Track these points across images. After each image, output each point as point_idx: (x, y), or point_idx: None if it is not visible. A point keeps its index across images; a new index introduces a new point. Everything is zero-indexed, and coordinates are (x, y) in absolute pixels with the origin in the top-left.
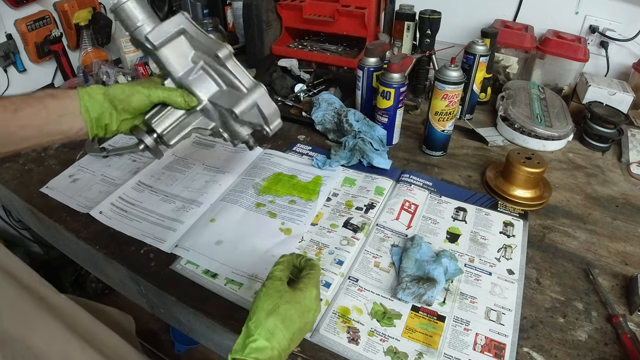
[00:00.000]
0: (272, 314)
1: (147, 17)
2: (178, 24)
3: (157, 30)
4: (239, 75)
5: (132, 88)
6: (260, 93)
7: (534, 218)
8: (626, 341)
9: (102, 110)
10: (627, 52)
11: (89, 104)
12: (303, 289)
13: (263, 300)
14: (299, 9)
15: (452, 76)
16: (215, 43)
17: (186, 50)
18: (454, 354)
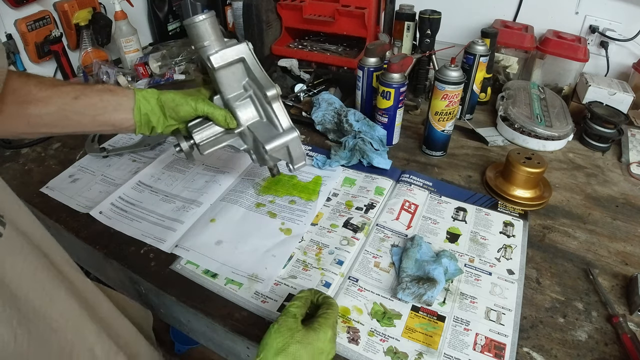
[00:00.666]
0: (281, 354)
1: (215, 39)
2: (239, 52)
3: (220, 55)
4: (280, 116)
5: (182, 98)
6: (293, 137)
7: (534, 218)
8: (626, 341)
9: (152, 114)
10: (627, 52)
11: (142, 105)
12: (317, 330)
13: (274, 337)
14: (299, 9)
15: (452, 76)
16: (267, 81)
17: (240, 77)
18: (454, 354)
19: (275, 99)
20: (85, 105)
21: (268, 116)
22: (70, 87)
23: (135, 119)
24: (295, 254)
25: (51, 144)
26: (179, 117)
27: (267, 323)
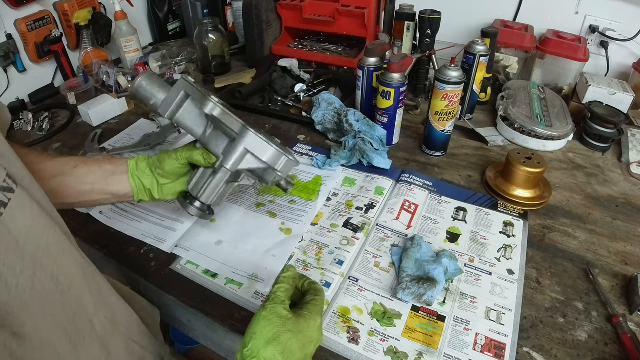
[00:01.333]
0: (272, 343)
1: (156, 92)
2: (179, 90)
3: (165, 103)
4: (228, 122)
5: (164, 154)
6: (247, 139)
7: (534, 218)
8: (626, 341)
9: (144, 177)
10: (627, 52)
11: (134, 170)
12: (307, 318)
13: (263, 325)
14: (299, 9)
15: (452, 76)
16: (203, 98)
17: (199, 111)
18: (454, 354)
19: (214, 108)
20: (84, 174)
21: (227, 134)
22: (71, 158)
23: (131, 185)
24: (295, 253)
25: (51, 144)
26: (166, 172)
27: None
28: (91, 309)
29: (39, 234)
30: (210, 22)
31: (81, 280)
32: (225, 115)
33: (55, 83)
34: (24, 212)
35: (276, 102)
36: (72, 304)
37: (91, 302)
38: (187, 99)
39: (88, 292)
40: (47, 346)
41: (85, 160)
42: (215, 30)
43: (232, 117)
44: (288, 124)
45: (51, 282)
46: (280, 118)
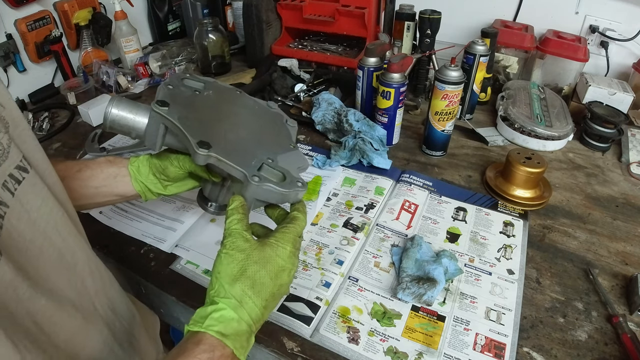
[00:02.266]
0: (239, 279)
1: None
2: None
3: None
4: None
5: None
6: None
7: (534, 218)
8: (626, 341)
9: (148, 181)
10: (627, 52)
11: (136, 176)
12: (274, 246)
13: (225, 263)
14: (299, 9)
15: (452, 76)
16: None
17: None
18: (454, 353)
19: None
20: (87, 177)
21: None
22: (74, 162)
23: (137, 189)
24: None
25: (51, 144)
26: (171, 178)
27: (267, 323)
28: (92, 292)
29: (48, 213)
30: (210, 22)
31: (84, 265)
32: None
33: (55, 83)
34: (34, 192)
35: (276, 102)
36: (76, 282)
37: (92, 287)
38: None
39: (90, 278)
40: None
41: (88, 164)
42: (215, 30)
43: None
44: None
45: (58, 256)
46: None
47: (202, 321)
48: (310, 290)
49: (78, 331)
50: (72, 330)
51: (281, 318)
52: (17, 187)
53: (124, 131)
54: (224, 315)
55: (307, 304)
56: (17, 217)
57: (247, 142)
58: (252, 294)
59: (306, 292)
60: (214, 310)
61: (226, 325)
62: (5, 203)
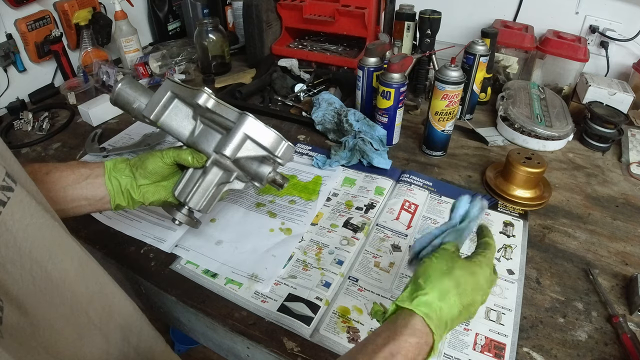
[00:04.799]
0: (447, 275)
1: (139, 95)
2: (166, 90)
3: (150, 104)
4: (223, 112)
5: (148, 154)
6: (247, 121)
7: (534, 218)
8: (626, 341)
9: (122, 176)
10: (627, 52)
11: (111, 171)
12: (477, 263)
13: (436, 262)
14: (299, 9)
15: (452, 76)
16: (193, 93)
17: (186, 111)
18: (454, 354)
19: (208, 99)
20: (56, 180)
21: (221, 125)
22: (44, 165)
23: (107, 188)
24: (295, 253)
25: (51, 144)
26: (148, 172)
27: (267, 323)
28: (85, 300)
29: (36, 231)
30: (210, 22)
31: (75, 273)
32: (220, 105)
33: (55, 83)
34: (22, 210)
35: (276, 102)
36: (67, 297)
37: (85, 294)
38: (174, 99)
39: (83, 285)
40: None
41: (58, 166)
42: (215, 30)
43: (227, 107)
44: (288, 124)
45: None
46: (280, 118)
47: (410, 300)
48: (310, 290)
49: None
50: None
51: (281, 318)
52: (2, 210)
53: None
54: (429, 300)
55: (307, 304)
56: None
57: None
58: (455, 292)
59: (306, 292)
60: (422, 294)
61: (431, 308)
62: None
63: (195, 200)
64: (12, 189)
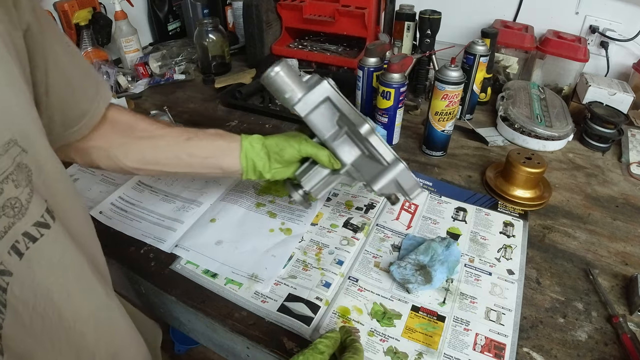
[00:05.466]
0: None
1: (294, 87)
2: (323, 93)
3: (304, 101)
4: (380, 150)
5: (285, 142)
6: (400, 170)
7: (534, 218)
8: (626, 341)
9: (258, 159)
10: (627, 52)
11: (248, 151)
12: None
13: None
14: (299, 9)
15: (452, 76)
16: (357, 117)
17: (331, 115)
18: (453, 354)
19: (370, 133)
20: (197, 147)
21: (369, 150)
22: (183, 128)
23: (242, 165)
24: (295, 254)
25: None
26: (284, 160)
27: (267, 323)
28: (92, 343)
29: (61, 270)
30: (210, 22)
31: (89, 315)
32: (381, 144)
33: None
34: (53, 248)
35: (276, 102)
36: (76, 339)
37: (94, 337)
38: (325, 101)
39: (93, 327)
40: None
41: (197, 134)
42: (215, 30)
43: (386, 147)
44: (288, 124)
45: (58, 318)
46: (280, 118)
47: None
48: (310, 290)
49: None
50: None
51: (281, 318)
52: (31, 246)
53: (281, 89)
54: None
55: (307, 304)
56: (20, 284)
57: None
58: None
59: (306, 292)
60: None
61: None
62: (9, 271)
63: (315, 190)
64: (48, 226)
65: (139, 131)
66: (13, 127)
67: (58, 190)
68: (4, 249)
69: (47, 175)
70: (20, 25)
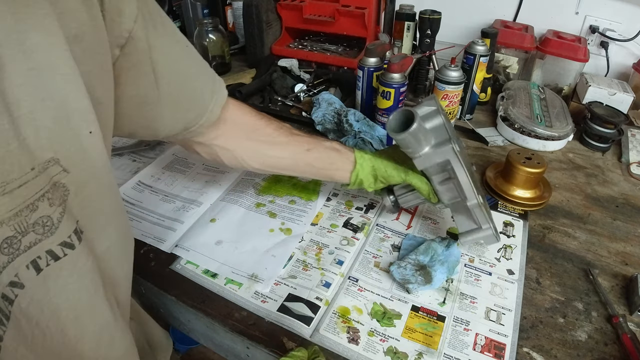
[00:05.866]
0: None
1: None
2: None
3: (424, 158)
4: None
5: (394, 170)
6: (487, 235)
7: (534, 218)
8: (626, 341)
9: (366, 179)
10: (627, 52)
11: (360, 172)
12: None
13: None
14: (299, 9)
15: (452, 76)
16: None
17: (444, 166)
18: (453, 354)
19: (475, 207)
20: (315, 159)
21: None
22: (304, 138)
23: (351, 180)
24: (295, 254)
25: None
26: (388, 183)
27: (267, 323)
28: None
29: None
30: (210, 22)
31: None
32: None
33: None
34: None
35: (276, 102)
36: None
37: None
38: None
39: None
40: None
41: (317, 147)
42: (215, 30)
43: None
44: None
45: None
46: (280, 118)
47: None
48: (310, 290)
49: None
50: None
51: (281, 318)
52: (52, 264)
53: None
54: None
55: (307, 304)
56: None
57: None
58: None
59: (306, 292)
60: None
61: None
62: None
63: (407, 205)
64: (73, 247)
65: (264, 135)
66: (57, 146)
67: (95, 211)
68: (22, 262)
69: (87, 195)
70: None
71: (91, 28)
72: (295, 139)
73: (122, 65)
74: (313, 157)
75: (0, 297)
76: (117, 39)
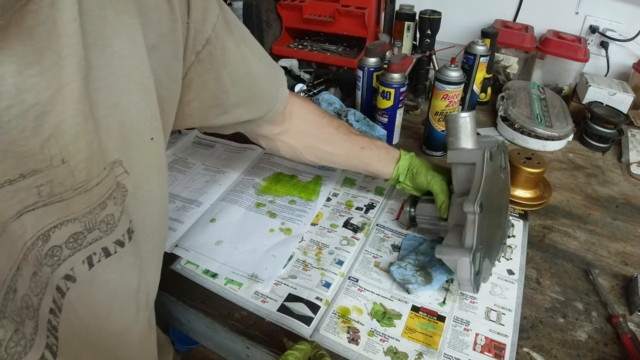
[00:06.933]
0: None
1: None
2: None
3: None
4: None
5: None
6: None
7: (534, 218)
8: (626, 341)
9: (402, 172)
10: (627, 52)
11: (400, 164)
12: None
13: None
14: (299, 9)
15: (452, 76)
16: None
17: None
18: (454, 354)
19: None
20: (366, 156)
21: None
22: (360, 138)
23: (392, 176)
24: (295, 254)
25: None
26: (415, 182)
27: (267, 323)
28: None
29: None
30: None
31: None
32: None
33: None
34: (117, 266)
35: None
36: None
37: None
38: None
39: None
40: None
41: (371, 146)
42: None
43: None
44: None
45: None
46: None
47: None
48: (310, 290)
49: None
50: None
51: (281, 318)
52: (102, 260)
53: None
54: None
55: (307, 304)
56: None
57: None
58: None
59: (306, 292)
60: None
61: None
62: (75, 278)
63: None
64: (123, 245)
65: (325, 134)
66: (122, 148)
67: (146, 213)
68: (80, 257)
69: (141, 196)
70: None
71: (168, 40)
72: (352, 139)
73: (196, 70)
74: (365, 154)
75: (55, 289)
76: (195, 46)
